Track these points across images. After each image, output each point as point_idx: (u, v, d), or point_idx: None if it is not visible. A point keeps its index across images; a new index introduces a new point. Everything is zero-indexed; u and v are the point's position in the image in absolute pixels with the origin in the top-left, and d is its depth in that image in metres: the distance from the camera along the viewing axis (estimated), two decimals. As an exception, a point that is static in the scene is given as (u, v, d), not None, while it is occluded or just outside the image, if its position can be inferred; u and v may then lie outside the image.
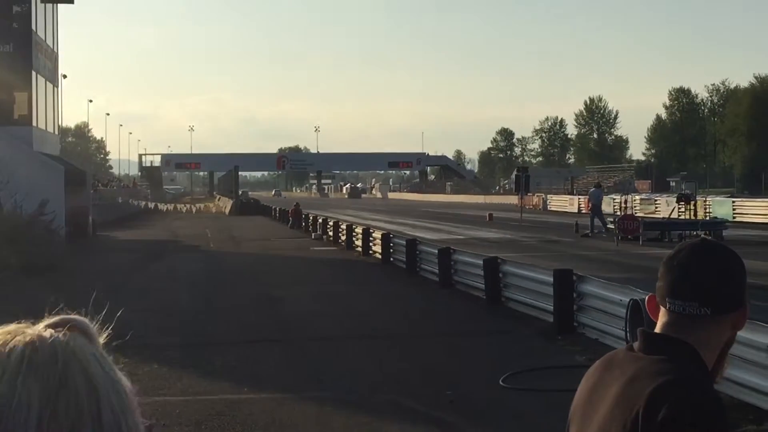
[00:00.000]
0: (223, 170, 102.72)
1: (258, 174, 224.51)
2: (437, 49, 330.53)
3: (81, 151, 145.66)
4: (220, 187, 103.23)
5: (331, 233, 32.91)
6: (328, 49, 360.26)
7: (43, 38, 37.10)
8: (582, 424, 1.96)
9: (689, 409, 1.76)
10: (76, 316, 1.14)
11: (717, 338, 1.95)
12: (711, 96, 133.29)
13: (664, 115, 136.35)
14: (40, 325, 1.10)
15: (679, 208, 35.08)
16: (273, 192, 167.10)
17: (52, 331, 1.09)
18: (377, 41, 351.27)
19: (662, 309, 1.97)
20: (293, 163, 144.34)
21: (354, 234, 28.58)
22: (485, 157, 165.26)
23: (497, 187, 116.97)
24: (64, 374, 1.04)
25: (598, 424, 1.89)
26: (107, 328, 1.17)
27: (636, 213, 41.21)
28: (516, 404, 8.96)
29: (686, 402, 1.77)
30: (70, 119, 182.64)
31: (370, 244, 25.98)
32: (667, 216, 36.48)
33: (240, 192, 78.80)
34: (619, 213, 36.87)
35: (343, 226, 30.74)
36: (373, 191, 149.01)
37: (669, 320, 1.95)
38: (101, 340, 1.13)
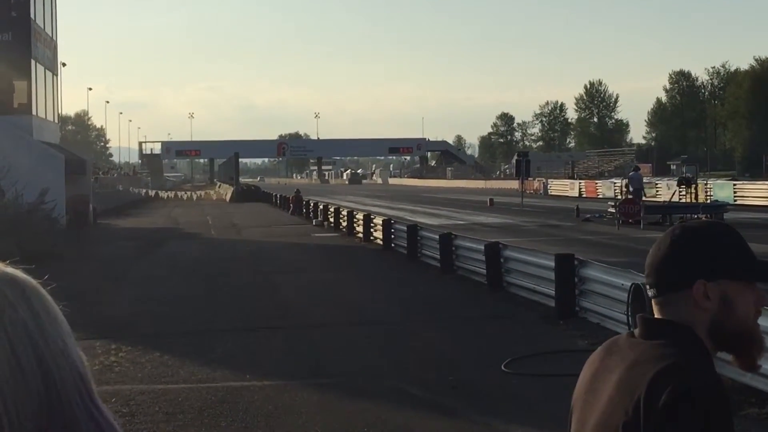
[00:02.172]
0: (224, 157, 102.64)
1: (258, 161, 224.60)
2: (437, 34, 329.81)
3: (81, 139, 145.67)
4: (221, 174, 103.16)
5: (332, 219, 32.88)
6: (328, 35, 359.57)
7: (42, 26, 37.02)
8: (584, 410, 1.95)
9: (691, 393, 1.74)
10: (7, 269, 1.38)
11: (694, 317, 1.88)
12: (711, 79, 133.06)
13: (664, 99, 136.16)
14: None
15: (680, 192, 35.08)
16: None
17: None
18: (377, 27, 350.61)
19: None
20: (293, 150, 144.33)
21: (355, 220, 28.54)
22: (485, 142, 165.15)
23: (498, 172, 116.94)
24: None
25: (599, 410, 1.88)
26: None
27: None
28: (518, 389, 8.97)
29: (687, 386, 1.74)
30: (69, 107, 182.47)
31: (371, 230, 25.97)
32: (668, 199, 36.47)
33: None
34: (619, 197, 36.83)
35: (344, 213, 30.70)
36: (374, 177, 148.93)
37: (654, 304, 1.95)
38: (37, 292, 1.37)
